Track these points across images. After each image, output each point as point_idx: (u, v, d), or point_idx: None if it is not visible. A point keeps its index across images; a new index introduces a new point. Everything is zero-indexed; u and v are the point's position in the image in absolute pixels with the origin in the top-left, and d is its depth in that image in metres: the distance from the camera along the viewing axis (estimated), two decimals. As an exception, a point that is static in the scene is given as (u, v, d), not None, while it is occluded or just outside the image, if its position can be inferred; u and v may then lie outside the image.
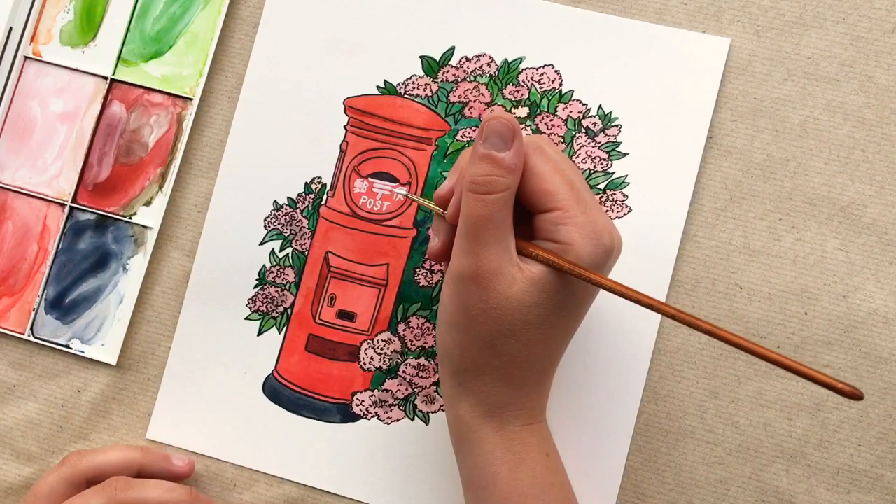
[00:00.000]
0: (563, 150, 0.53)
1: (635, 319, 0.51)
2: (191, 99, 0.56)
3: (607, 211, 0.52)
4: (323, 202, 0.54)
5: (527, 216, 0.43)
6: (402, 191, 0.48)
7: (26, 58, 0.58)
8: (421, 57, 0.54)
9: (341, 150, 0.54)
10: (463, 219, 0.41)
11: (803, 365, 0.36)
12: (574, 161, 0.53)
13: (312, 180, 0.54)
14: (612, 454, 0.51)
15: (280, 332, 0.54)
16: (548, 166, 0.42)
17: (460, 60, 0.54)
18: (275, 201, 0.54)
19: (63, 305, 0.56)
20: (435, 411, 0.52)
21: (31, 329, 0.56)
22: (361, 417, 0.53)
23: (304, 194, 0.54)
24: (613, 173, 0.52)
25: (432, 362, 0.53)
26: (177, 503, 0.50)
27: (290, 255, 0.54)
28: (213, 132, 0.56)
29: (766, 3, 0.52)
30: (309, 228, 0.54)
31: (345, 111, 0.54)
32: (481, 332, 0.42)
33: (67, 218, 0.56)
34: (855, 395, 0.34)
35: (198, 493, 0.52)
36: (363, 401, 0.53)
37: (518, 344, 0.42)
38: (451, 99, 0.54)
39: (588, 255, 0.41)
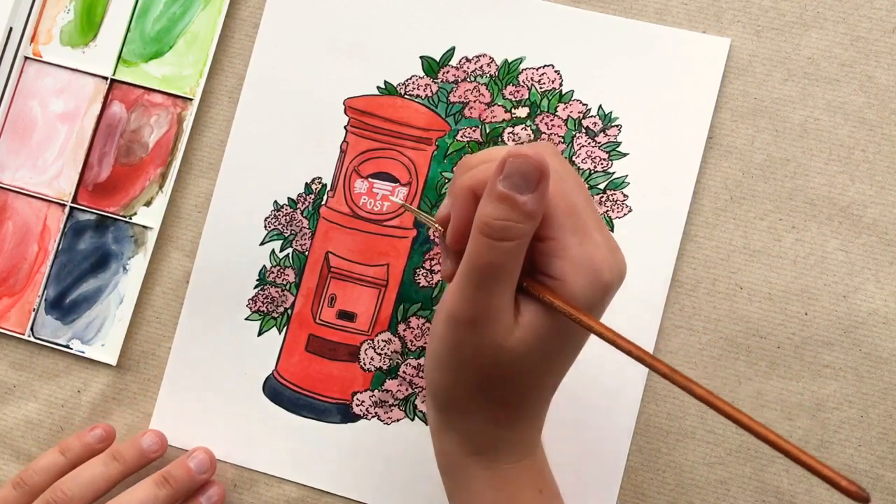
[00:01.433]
0: (562, 152, 0.53)
1: (635, 319, 0.51)
2: (191, 99, 0.56)
3: (607, 212, 0.52)
4: (323, 202, 0.54)
5: None
6: (399, 199, 0.46)
7: (26, 58, 0.58)
8: (421, 57, 0.54)
9: (341, 151, 0.54)
10: (469, 261, 0.37)
11: (807, 455, 0.32)
12: (576, 165, 0.53)
13: (313, 180, 0.54)
14: (612, 454, 0.51)
15: (280, 333, 0.54)
16: (552, 185, 0.37)
17: (460, 61, 0.54)
18: (275, 201, 0.54)
19: (63, 305, 0.56)
20: (435, 411, 0.52)
21: (32, 329, 0.56)
22: (361, 417, 0.53)
23: (304, 194, 0.54)
24: (613, 173, 0.52)
25: (432, 362, 0.53)
26: (112, 475, 0.51)
27: (290, 256, 0.54)
28: (213, 132, 0.56)
29: (767, 3, 0.52)
30: (309, 229, 0.54)
31: (345, 111, 0.54)
32: (471, 376, 0.39)
33: (67, 218, 0.56)
34: (860, 497, 0.30)
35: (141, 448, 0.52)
36: (363, 401, 0.53)
37: (509, 389, 0.39)
38: (452, 99, 0.54)
39: (582, 294, 0.37)
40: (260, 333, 0.54)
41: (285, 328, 0.54)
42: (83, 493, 0.50)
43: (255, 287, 0.54)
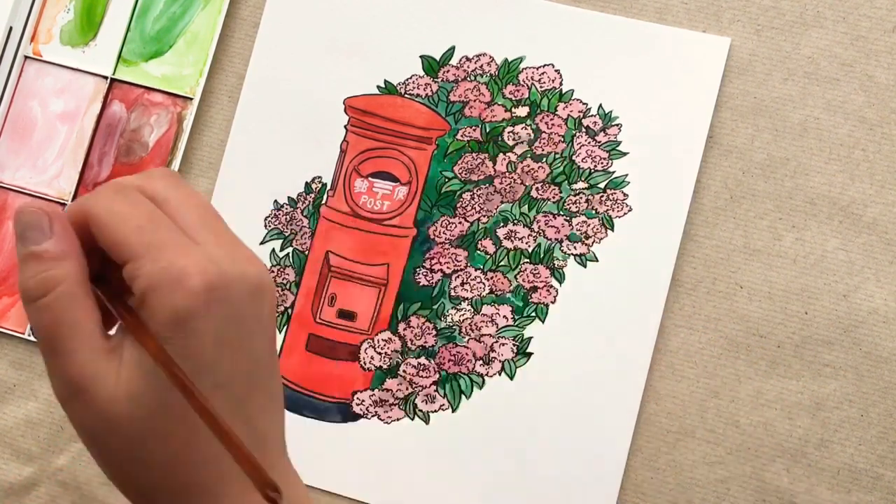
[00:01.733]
0: (563, 151, 0.53)
1: (635, 319, 0.51)
2: (191, 99, 0.56)
3: (607, 211, 0.52)
4: (323, 202, 0.54)
5: None
6: None
7: (26, 58, 0.58)
8: (421, 56, 0.54)
9: (342, 150, 0.54)
10: (37, 338, 0.33)
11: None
12: (576, 163, 0.52)
13: (313, 180, 0.54)
14: (612, 454, 0.51)
15: (280, 332, 0.54)
16: (122, 209, 0.33)
17: (460, 60, 0.54)
18: (275, 201, 0.54)
19: (63, 305, 0.56)
20: (435, 411, 0.52)
21: (32, 329, 0.56)
22: (362, 417, 0.53)
23: (304, 194, 0.54)
24: (613, 172, 0.52)
25: (433, 362, 0.53)
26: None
27: (290, 255, 0.54)
28: (213, 132, 0.56)
29: (767, 2, 0.52)
30: (309, 228, 0.54)
31: (345, 111, 0.54)
32: (112, 451, 0.33)
33: (67, 218, 0.56)
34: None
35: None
36: (363, 400, 0.53)
37: (162, 443, 0.33)
38: (452, 98, 0.54)
39: (164, 306, 0.31)
40: (260, 333, 0.54)
41: (285, 327, 0.54)
42: None
43: (256, 286, 0.54)
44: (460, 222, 0.53)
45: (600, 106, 0.53)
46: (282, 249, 0.54)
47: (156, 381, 0.32)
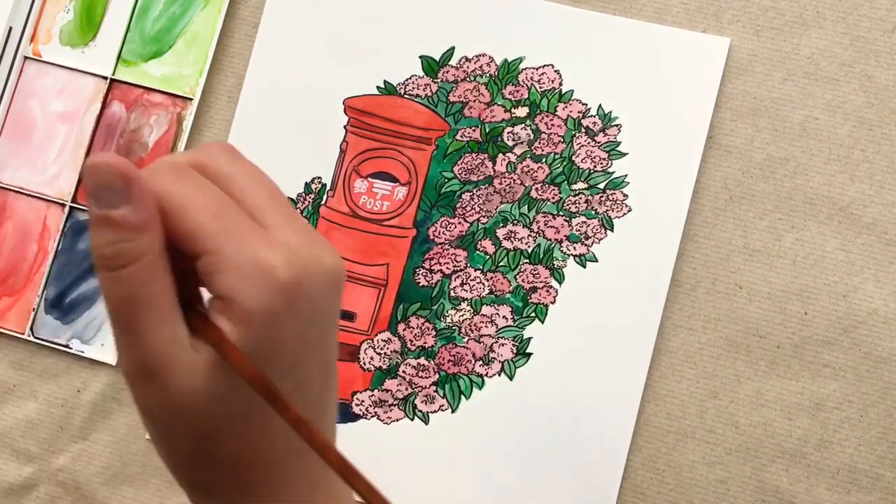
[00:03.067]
0: (562, 151, 0.53)
1: (635, 319, 0.51)
2: (191, 99, 0.56)
3: (607, 211, 0.52)
4: (323, 202, 0.54)
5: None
6: None
7: (26, 58, 0.58)
8: (421, 57, 0.54)
9: (341, 150, 0.54)
10: (106, 304, 0.31)
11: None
12: (576, 164, 0.52)
13: (312, 180, 0.54)
14: (612, 454, 0.51)
15: (280, 332, 0.54)
16: (190, 192, 0.31)
17: (460, 60, 0.54)
18: (275, 201, 0.54)
19: (63, 305, 0.56)
20: (435, 411, 0.52)
21: (31, 329, 0.56)
22: (361, 417, 0.53)
23: (304, 194, 0.54)
24: (613, 173, 0.52)
25: (432, 362, 0.53)
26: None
27: (289, 255, 0.54)
28: (213, 132, 0.56)
29: (766, 2, 0.52)
30: (309, 228, 0.54)
31: (345, 111, 0.54)
32: (179, 441, 0.32)
33: (67, 218, 0.56)
34: None
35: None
36: (363, 401, 0.53)
37: (233, 442, 0.32)
38: (451, 99, 0.54)
39: (252, 303, 0.30)
40: (260, 333, 0.54)
41: (285, 328, 0.54)
42: None
43: (255, 287, 0.54)
44: (460, 223, 0.53)
45: (600, 106, 0.53)
46: (281, 250, 0.54)
47: (238, 384, 0.31)
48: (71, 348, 0.55)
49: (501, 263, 0.53)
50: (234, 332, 0.30)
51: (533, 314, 0.52)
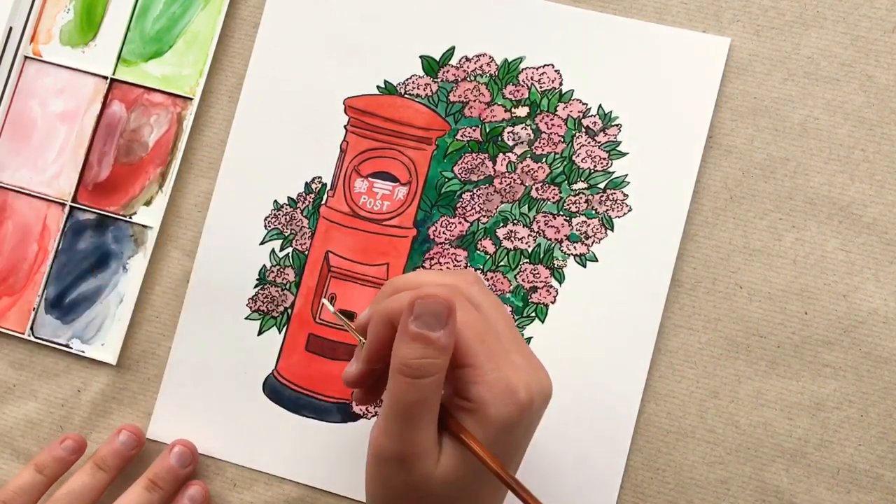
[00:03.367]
0: (563, 151, 0.53)
1: (635, 319, 0.51)
2: (191, 99, 0.56)
3: (607, 211, 0.52)
4: (323, 202, 0.54)
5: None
6: (331, 307, 0.46)
7: (26, 58, 0.58)
8: (421, 57, 0.54)
9: (341, 150, 0.54)
10: (392, 402, 0.39)
11: None
12: (576, 164, 0.52)
13: (313, 180, 0.54)
14: (612, 454, 0.51)
15: (280, 332, 0.54)
16: (464, 316, 0.40)
17: (460, 60, 0.54)
18: (275, 201, 0.54)
19: (63, 305, 0.56)
20: (435, 411, 0.52)
21: (31, 329, 0.56)
22: (362, 417, 0.53)
23: (304, 194, 0.54)
24: (613, 172, 0.52)
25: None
26: (101, 485, 0.52)
27: (290, 255, 0.54)
28: (213, 132, 0.56)
29: (766, 2, 0.52)
30: (309, 228, 0.54)
31: (345, 111, 0.54)
32: None
33: (67, 218, 0.56)
34: None
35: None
36: (363, 400, 0.53)
37: None
38: (452, 98, 0.54)
39: (499, 415, 0.38)
40: (260, 333, 0.54)
41: (285, 327, 0.54)
42: None
43: (255, 286, 0.54)
44: (460, 222, 0.53)
45: (600, 106, 0.53)
46: (282, 249, 0.54)
47: (467, 473, 0.39)
48: (71, 348, 0.55)
49: (501, 263, 0.53)
50: (479, 432, 0.39)
51: (533, 314, 0.52)
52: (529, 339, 0.52)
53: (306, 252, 0.54)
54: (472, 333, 0.39)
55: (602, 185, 0.52)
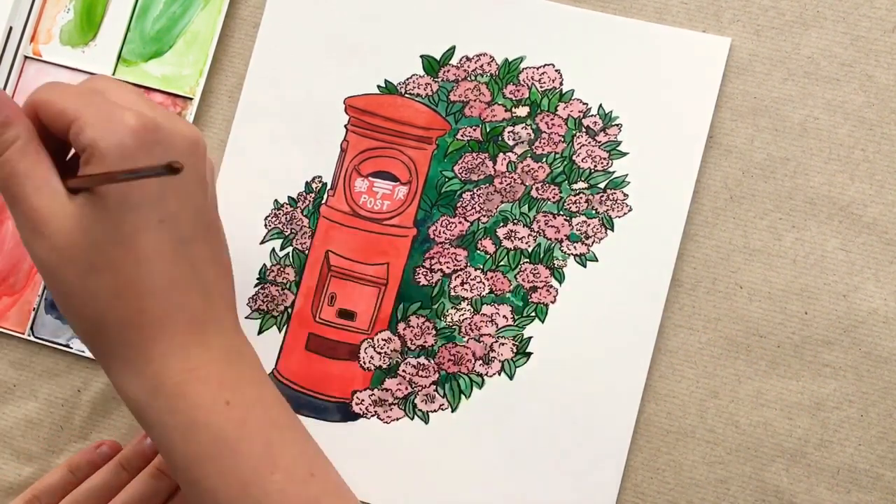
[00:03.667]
0: (563, 151, 0.53)
1: (635, 319, 0.51)
2: (191, 99, 0.56)
3: (607, 211, 0.52)
4: (323, 201, 0.54)
5: None
6: None
7: (26, 57, 0.58)
8: (421, 56, 0.54)
9: (342, 150, 0.54)
10: (2, 194, 0.40)
11: None
12: (576, 163, 0.52)
13: (313, 179, 0.54)
14: (612, 454, 0.51)
15: (280, 331, 0.54)
16: (62, 90, 0.39)
17: (461, 60, 0.54)
18: (275, 200, 0.54)
19: (63, 305, 0.56)
20: (434, 410, 0.52)
21: (31, 329, 0.56)
22: (361, 416, 0.53)
23: (304, 193, 0.54)
24: (614, 172, 0.52)
25: (432, 361, 0.53)
26: (122, 485, 0.51)
27: (290, 255, 0.54)
28: (213, 132, 0.56)
29: (766, 2, 0.52)
30: (309, 227, 0.54)
31: (345, 110, 0.55)
32: (67, 283, 0.39)
33: (67, 217, 0.56)
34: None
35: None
36: (363, 400, 0.53)
37: (108, 274, 0.38)
38: (452, 98, 0.54)
39: (111, 146, 0.37)
40: (260, 332, 0.54)
41: (285, 327, 0.54)
42: None
43: (256, 286, 0.54)
44: (460, 222, 0.53)
45: (600, 106, 0.53)
46: (282, 249, 0.54)
47: (106, 213, 0.37)
48: (71, 348, 0.55)
49: (502, 263, 0.53)
50: (94, 170, 0.37)
51: (533, 314, 0.52)
52: (529, 338, 0.52)
53: (306, 251, 0.54)
54: (65, 95, 0.39)
55: (602, 185, 0.52)
